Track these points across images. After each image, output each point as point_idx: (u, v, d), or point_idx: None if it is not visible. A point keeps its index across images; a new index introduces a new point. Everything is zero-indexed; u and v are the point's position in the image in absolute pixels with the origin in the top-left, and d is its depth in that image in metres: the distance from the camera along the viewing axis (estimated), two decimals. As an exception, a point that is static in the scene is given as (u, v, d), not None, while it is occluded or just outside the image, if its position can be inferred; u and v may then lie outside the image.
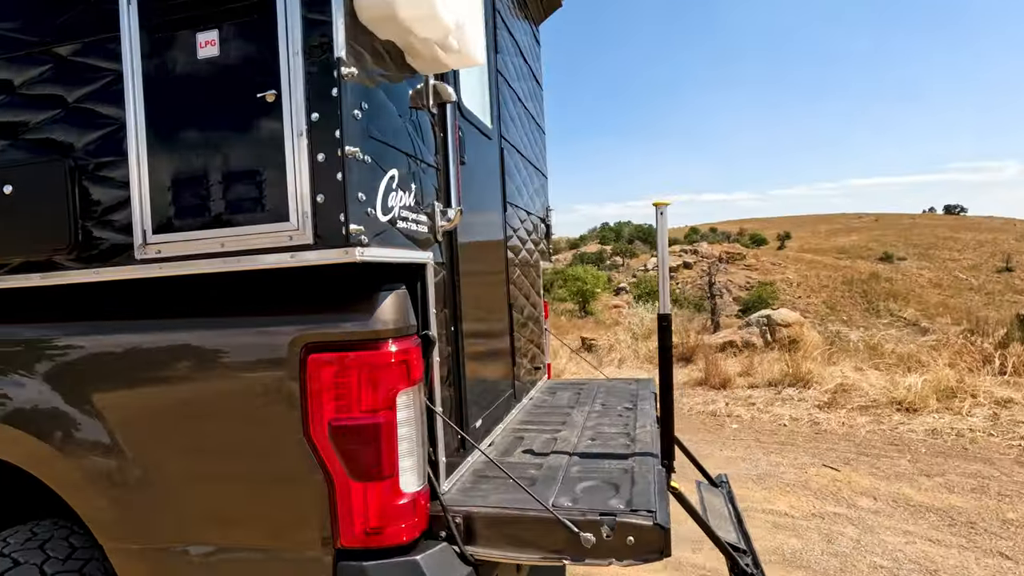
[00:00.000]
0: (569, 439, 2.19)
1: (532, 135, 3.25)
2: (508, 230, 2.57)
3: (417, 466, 1.51)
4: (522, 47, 3.08)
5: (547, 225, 3.57)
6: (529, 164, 3.11)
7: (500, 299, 2.39)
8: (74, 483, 1.53)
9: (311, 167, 1.21)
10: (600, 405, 2.74)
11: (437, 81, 1.67)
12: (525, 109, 3.10)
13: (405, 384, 1.46)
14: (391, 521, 1.43)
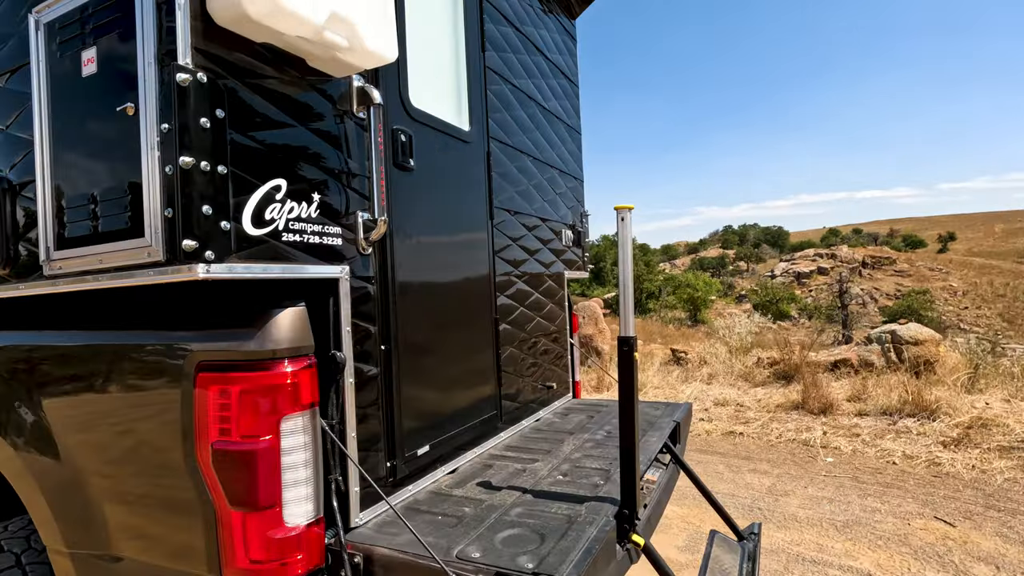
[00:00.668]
0: (538, 472, 1.97)
1: (554, 136, 3.04)
2: (500, 239, 2.40)
3: (311, 497, 1.40)
4: (540, 43, 2.89)
5: (577, 232, 3.32)
6: (546, 167, 2.91)
7: (477, 314, 2.22)
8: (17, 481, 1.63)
9: (161, 180, 1.16)
10: (604, 433, 2.46)
11: (363, 84, 1.57)
12: (543, 108, 2.90)
13: (292, 409, 1.36)
14: (274, 555, 1.34)
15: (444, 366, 1.98)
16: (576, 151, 3.38)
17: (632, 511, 1.63)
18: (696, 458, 4.99)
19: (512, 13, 2.61)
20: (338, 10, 1.29)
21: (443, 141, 2.01)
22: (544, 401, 2.82)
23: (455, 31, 2.16)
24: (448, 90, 2.10)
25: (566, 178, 3.20)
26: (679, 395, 6.95)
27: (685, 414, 2.76)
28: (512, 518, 1.60)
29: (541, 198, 2.86)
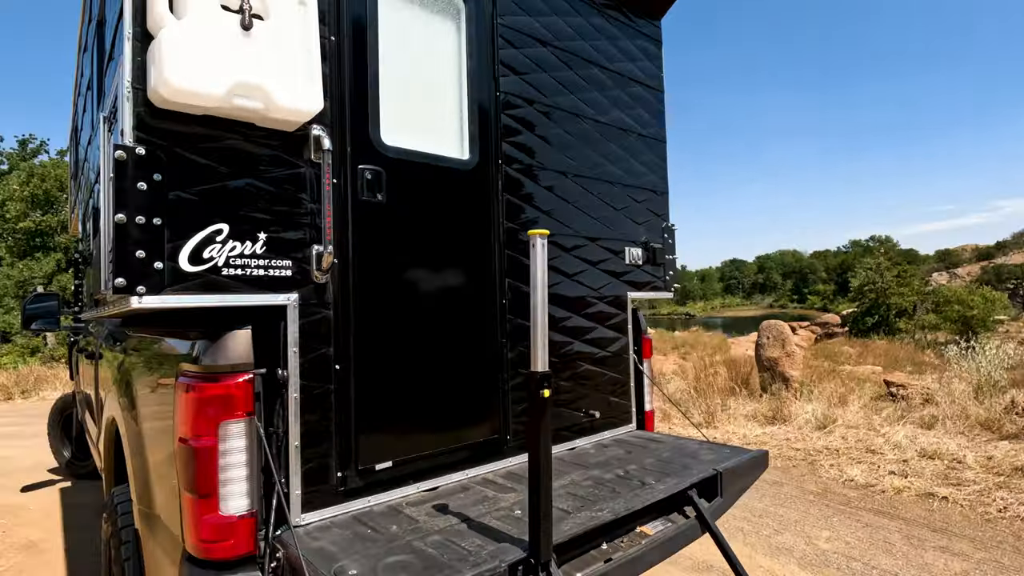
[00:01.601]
0: (501, 503, 1.92)
1: (616, 149, 2.87)
2: (517, 261, 2.38)
3: (245, 493, 1.64)
4: (593, 55, 2.78)
5: (652, 249, 3.05)
6: (600, 183, 2.77)
7: (474, 337, 2.23)
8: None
9: (110, 232, 1.51)
10: (621, 472, 2.24)
11: (320, 132, 1.79)
12: (597, 122, 2.78)
13: (228, 416, 1.62)
14: (214, 536, 1.61)
15: (419, 388, 2.06)
16: (656, 161, 3.12)
17: (539, 561, 1.50)
18: (863, 519, 4.05)
19: (546, 32, 2.58)
20: (245, 80, 1.51)
21: (430, 172, 2.11)
22: (584, 430, 2.67)
23: (456, 65, 2.24)
24: (441, 122, 2.19)
25: (636, 192, 2.98)
26: (871, 439, 5.68)
27: (742, 465, 2.33)
28: (421, 544, 1.61)
29: (590, 216, 2.73)
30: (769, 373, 8.03)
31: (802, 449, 5.65)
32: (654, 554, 1.87)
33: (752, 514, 4.28)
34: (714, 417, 6.86)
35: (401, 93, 2.06)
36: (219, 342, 1.63)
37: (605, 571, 1.70)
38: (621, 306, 2.89)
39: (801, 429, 6.26)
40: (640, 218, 3.01)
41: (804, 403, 7.07)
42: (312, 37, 1.66)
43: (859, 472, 4.90)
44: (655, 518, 2.03)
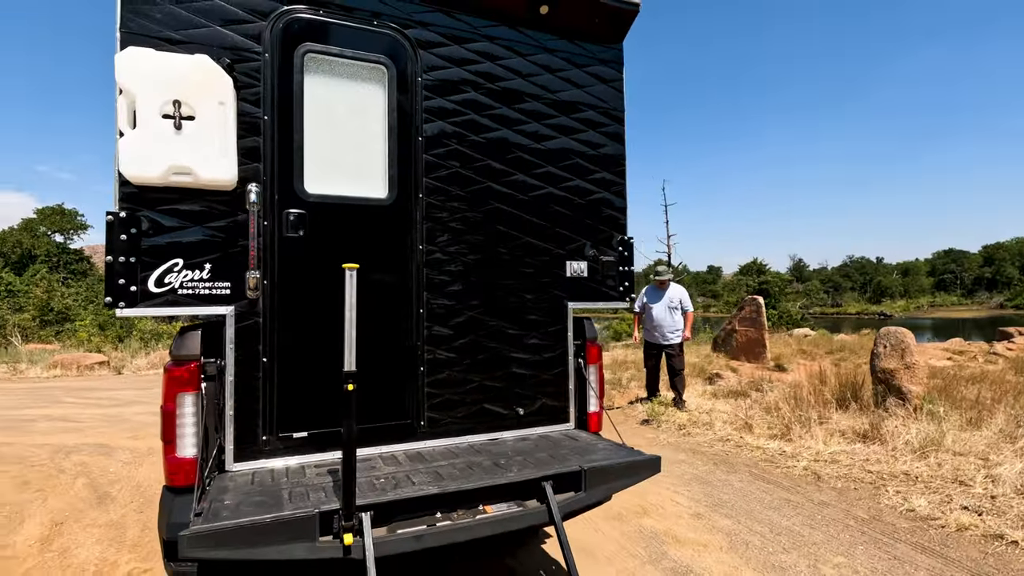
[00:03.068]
0: (379, 473, 2.41)
1: (559, 173, 3.15)
2: (439, 276, 2.83)
3: (193, 444, 2.39)
4: (533, 90, 3.10)
5: (602, 262, 3.24)
6: (534, 205, 3.08)
7: (389, 341, 2.72)
8: None
9: (105, 268, 2.33)
10: (497, 461, 2.57)
11: (252, 190, 2.48)
12: (537, 150, 3.09)
13: (181, 390, 2.38)
14: (172, 470, 2.39)
15: (334, 378, 2.61)
16: (610, 179, 3.29)
17: (345, 512, 1.97)
18: (896, 551, 3.70)
19: (476, 78, 2.96)
20: (176, 163, 2.23)
21: (349, 210, 2.67)
22: (511, 424, 3.00)
23: (380, 120, 2.76)
24: (363, 169, 2.73)
25: (582, 209, 3.21)
26: (972, 469, 4.89)
27: (616, 466, 2.50)
28: (285, 491, 2.19)
29: (524, 235, 3.05)
30: (883, 386, 7.14)
31: (876, 472, 5.10)
32: (483, 528, 2.20)
33: (772, 530, 4.13)
34: (790, 430, 6.39)
35: (326, 149, 2.65)
36: (181, 340, 2.39)
37: (422, 533, 2.10)
38: (560, 316, 3.16)
39: (894, 451, 5.59)
40: (588, 233, 3.23)
41: (914, 422, 6.23)
42: (229, 127, 2.34)
43: (925, 503, 4.35)
44: (506, 500, 2.34)
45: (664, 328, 7.93)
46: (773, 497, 4.76)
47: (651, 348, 8.20)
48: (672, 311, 7.95)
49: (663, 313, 7.96)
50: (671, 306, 7.95)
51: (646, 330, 8.17)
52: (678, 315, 7.97)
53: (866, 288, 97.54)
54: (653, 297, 8.06)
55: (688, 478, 5.32)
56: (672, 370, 8.07)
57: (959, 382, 11.09)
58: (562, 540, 2.22)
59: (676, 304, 7.95)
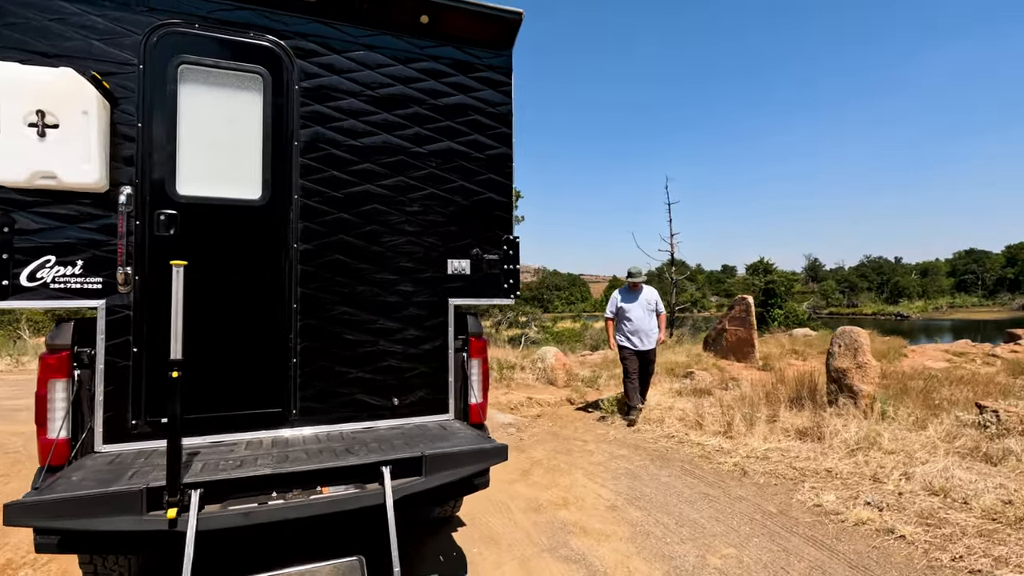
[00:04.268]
0: (234, 456, 2.59)
1: (440, 175, 3.30)
2: (315, 272, 3.00)
3: (63, 427, 2.59)
4: (415, 95, 3.25)
5: (485, 260, 3.38)
6: (413, 206, 3.23)
7: (259, 333, 2.89)
8: None
9: None
10: (350, 447, 2.73)
11: (122, 193, 2.67)
12: (417, 153, 3.24)
13: (53, 377, 2.58)
14: (44, 450, 2.59)
15: (203, 367, 2.79)
16: (496, 180, 3.43)
17: (170, 490, 2.15)
18: (789, 544, 3.79)
19: (354, 85, 3.12)
20: (41, 168, 2.43)
21: (221, 210, 2.84)
22: (386, 414, 3.16)
23: (255, 125, 2.93)
24: (237, 171, 2.90)
25: (465, 209, 3.36)
26: (893, 468, 4.94)
27: (460, 453, 2.64)
28: (134, 469, 2.37)
29: (403, 234, 3.20)
30: (836, 385, 7.17)
31: (801, 468, 5.17)
32: (315, 508, 2.35)
33: (678, 522, 4.24)
34: (731, 427, 6.46)
35: (200, 154, 2.83)
36: (56, 330, 2.60)
37: (251, 510, 2.27)
38: (441, 311, 3.31)
39: (829, 448, 5.64)
40: (472, 232, 3.37)
41: (858, 421, 6.27)
42: (94, 134, 2.52)
43: (834, 498, 4.43)
44: (347, 483, 2.50)
45: (645, 332, 7.48)
46: (693, 491, 4.86)
47: (631, 354, 7.57)
48: (650, 314, 7.54)
49: (643, 316, 7.49)
50: (649, 308, 7.54)
51: (625, 335, 7.56)
52: (655, 318, 7.61)
53: (883, 288, 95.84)
54: (629, 300, 7.59)
55: (620, 473, 5.44)
56: (645, 376, 7.75)
57: (938, 383, 11.02)
58: (390, 522, 2.37)
59: (653, 306, 7.57)
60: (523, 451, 6.34)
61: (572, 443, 6.60)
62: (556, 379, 11.19)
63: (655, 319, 7.60)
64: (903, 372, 13.79)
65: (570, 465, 5.74)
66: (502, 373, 10.97)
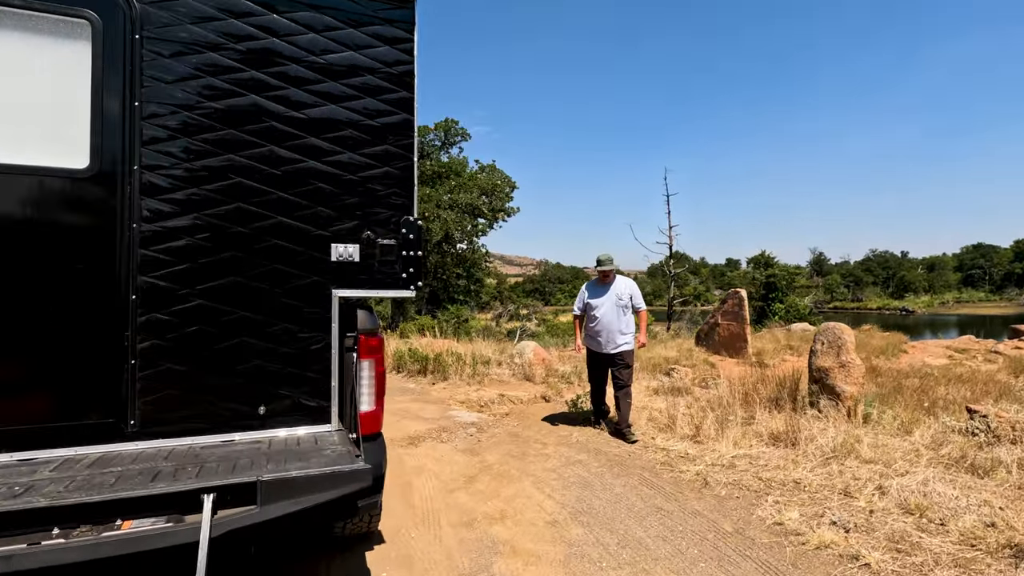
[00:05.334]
0: (18, 481, 2.13)
1: (323, 145, 2.82)
2: (156, 257, 2.53)
3: None
4: (294, 52, 2.77)
5: (379, 245, 2.90)
6: (294, 180, 2.76)
7: (76, 331, 2.42)
8: None
9: None
10: (178, 464, 2.27)
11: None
12: (294, 119, 2.77)
13: None
14: None
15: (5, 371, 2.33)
16: (393, 152, 2.94)
17: None
18: (738, 570, 3.33)
19: (216, 37, 2.64)
20: None
21: (32, 180, 2.36)
22: (252, 424, 2.69)
23: (81, 82, 2.45)
24: (56, 135, 2.42)
25: (355, 187, 2.88)
26: (867, 480, 4.45)
27: (306, 478, 2.17)
28: None
29: (274, 214, 2.73)
30: (818, 385, 6.67)
31: (768, 479, 4.69)
32: (107, 548, 1.89)
33: (621, 542, 3.78)
34: (700, 431, 5.98)
35: (7, 112, 2.36)
36: None
37: (12, 553, 1.80)
38: (323, 304, 2.83)
39: (803, 455, 5.16)
40: (362, 213, 2.89)
41: (838, 424, 5.78)
42: None
43: (798, 516, 3.95)
44: (158, 514, 2.05)
45: (611, 331, 6.20)
46: (647, 504, 4.40)
47: (595, 358, 6.43)
48: (622, 310, 6.24)
49: (610, 313, 6.23)
50: (620, 304, 6.22)
51: (588, 336, 6.46)
52: (629, 315, 6.28)
53: (889, 283, 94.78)
54: (595, 293, 6.35)
55: (572, 481, 4.98)
56: (617, 383, 6.28)
57: (934, 382, 10.50)
58: (199, 565, 1.91)
59: (626, 301, 6.24)
60: (476, 454, 5.89)
61: (531, 445, 6.14)
62: (534, 375, 10.73)
63: (628, 316, 6.28)
64: (899, 370, 13.28)
65: (521, 471, 5.29)
66: (475, 369, 10.52)
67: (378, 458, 2.79)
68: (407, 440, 6.42)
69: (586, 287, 6.65)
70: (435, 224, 28.08)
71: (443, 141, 31.90)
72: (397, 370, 11.18)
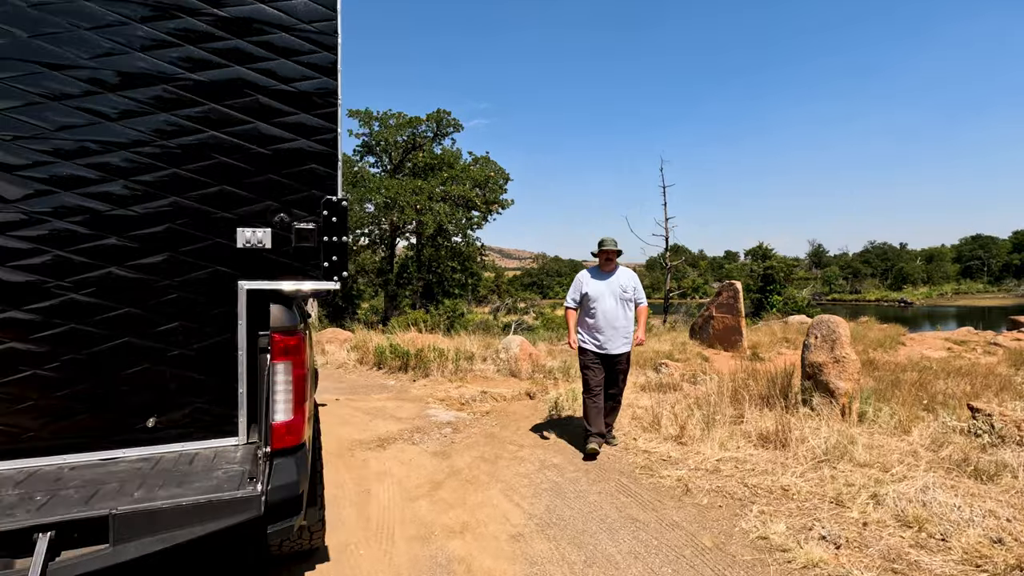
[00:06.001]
0: None
1: (225, 113, 2.42)
2: (9, 248, 2.14)
3: None
4: (178, 3, 2.36)
5: (295, 231, 2.51)
6: (188, 155, 2.37)
7: None
8: None
9: None
10: (38, 493, 1.89)
11: None
12: (182, 83, 2.36)
13: None
14: None
15: None
16: (312, 123, 2.55)
17: None
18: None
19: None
20: None
21: None
22: (139, 439, 2.31)
23: None
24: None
25: (265, 163, 2.48)
26: (862, 487, 4.09)
27: (173, 509, 1.79)
28: None
29: (166, 192, 2.34)
30: (812, 382, 6.31)
31: (754, 485, 4.33)
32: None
33: (587, 560, 3.41)
34: (684, 431, 5.61)
35: None
36: None
37: None
38: (226, 298, 2.44)
39: (793, 458, 4.80)
40: (274, 192, 2.50)
41: (831, 424, 5.41)
42: None
43: (784, 528, 3.58)
44: None
45: (615, 328, 5.22)
46: (622, 515, 4.03)
47: (594, 359, 5.30)
48: (626, 304, 5.28)
49: (614, 306, 5.22)
50: (624, 296, 5.26)
51: (588, 333, 5.33)
52: (631, 310, 5.38)
53: (887, 275, 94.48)
54: (596, 283, 5.34)
55: (545, 488, 4.61)
56: (610, 399, 5.52)
57: (933, 376, 10.15)
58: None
59: (631, 294, 5.33)
60: (447, 457, 5.52)
61: (505, 448, 5.77)
62: (519, 371, 10.36)
63: (630, 312, 5.37)
64: (897, 363, 12.94)
65: (491, 476, 4.92)
66: (458, 365, 10.15)
67: (295, 475, 2.41)
68: (376, 442, 6.06)
69: (584, 275, 5.53)
70: (427, 217, 27.61)
71: (435, 132, 31.35)
72: (378, 367, 10.82)
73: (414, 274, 30.91)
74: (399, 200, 26.89)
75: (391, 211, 27.66)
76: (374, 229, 30.82)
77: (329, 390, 9.03)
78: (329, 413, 7.38)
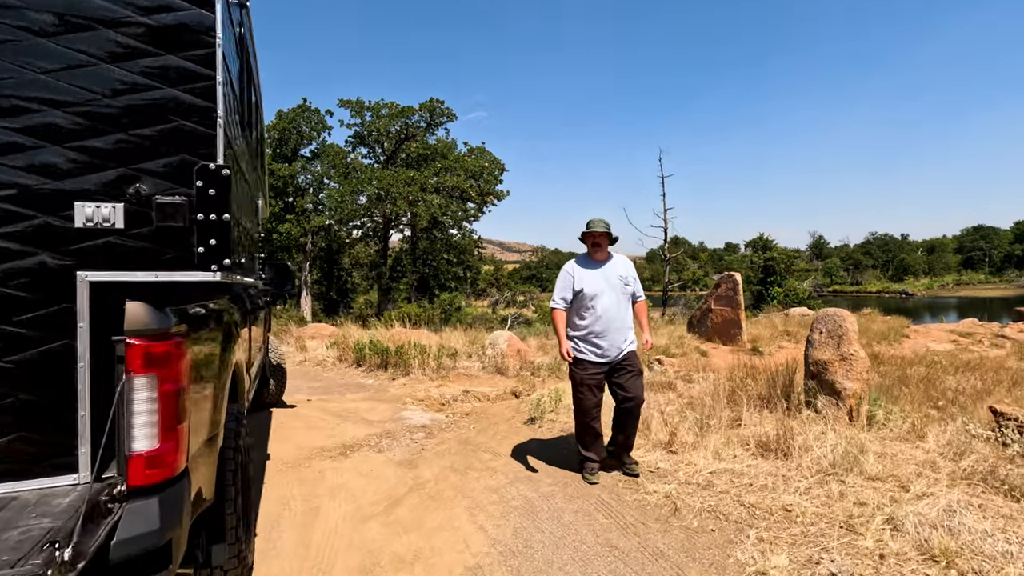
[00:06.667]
0: None
1: (68, 53, 1.85)
2: None
3: None
4: None
5: (156, 206, 1.95)
6: (24, 108, 1.80)
7: None
8: None
9: None
10: None
11: None
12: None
13: None
14: None
15: None
16: (176, 71, 1.98)
17: None
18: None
19: None
20: None
21: None
22: None
23: None
24: None
25: (117, 119, 1.91)
26: (876, 507, 3.54)
27: None
28: None
29: None
30: (816, 381, 5.75)
31: (752, 504, 3.78)
32: None
33: (553, 601, 2.87)
34: (675, 437, 5.07)
35: None
36: None
37: None
38: (60, 293, 1.88)
39: (797, 469, 4.26)
40: (129, 156, 1.93)
41: (838, 428, 4.86)
42: None
43: (786, 561, 3.04)
44: None
45: (618, 329, 4.26)
46: (598, 540, 3.49)
47: (590, 369, 4.28)
48: (627, 298, 4.36)
49: (616, 304, 4.27)
50: (625, 289, 4.33)
51: (583, 339, 4.30)
52: (630, 305, 4.42)
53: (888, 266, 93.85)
54: (589, 275, 4.30)
55: (515, 505, 4.07)
56: (625, 398, 4.32)
57: (941, 371, 9.59)
58: None
59: (632, 287, 4.39)
60: (413, 467, 4.99)
61: (479, 456, 5.24)
62: (506, 368, 9.83)
63: (630, 307, 4.42)
64: (903, 357, 12.40)
65: (458, 491, 4.38)
66: (440, 363, 9.61)
67: (157, 522, 1.85)
68: (339, 449, 5.52)
69: (572, 267, 4.41)
70: (420, 208, 27.01)
71: (428, 122, 30.67)
72: (358, 364, 10.29)
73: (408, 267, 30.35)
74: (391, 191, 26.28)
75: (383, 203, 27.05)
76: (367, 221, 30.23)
77: (302, 390, 8.50)
78: (295, 416, 6.85)
